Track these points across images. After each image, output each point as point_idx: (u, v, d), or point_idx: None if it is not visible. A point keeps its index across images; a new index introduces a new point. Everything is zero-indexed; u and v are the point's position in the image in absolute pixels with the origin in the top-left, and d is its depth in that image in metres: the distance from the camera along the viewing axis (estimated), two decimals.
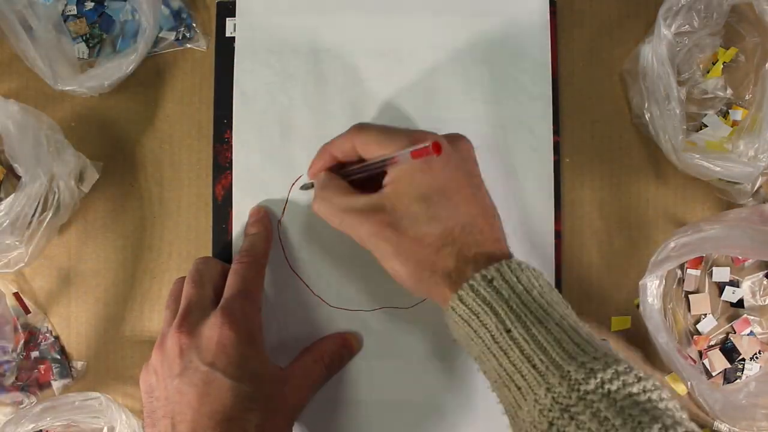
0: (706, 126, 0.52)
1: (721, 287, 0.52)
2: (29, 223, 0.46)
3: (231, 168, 0.51)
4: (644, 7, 0.53)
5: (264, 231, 0.49)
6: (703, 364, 0.51)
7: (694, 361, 0.51)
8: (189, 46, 0.52)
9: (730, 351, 0.51)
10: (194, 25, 0.52)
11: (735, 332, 0.51)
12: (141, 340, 0.52)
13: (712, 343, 0.52)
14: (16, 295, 0.51)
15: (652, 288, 0.47)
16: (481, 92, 0.51)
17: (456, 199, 0.40)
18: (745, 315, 0.51)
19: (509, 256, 0.40)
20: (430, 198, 0.40)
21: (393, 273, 0.41)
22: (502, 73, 0.51)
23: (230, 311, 0.42)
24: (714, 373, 0.51)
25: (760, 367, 0.51)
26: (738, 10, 0.52)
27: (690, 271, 0.51)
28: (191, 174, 0.52)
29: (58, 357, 0.51)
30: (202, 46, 0.52)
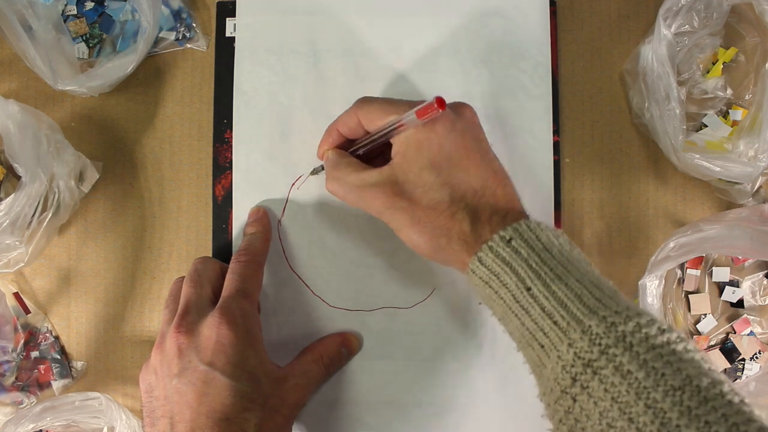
0: (706, 126, 0.52)
1: (721, 287, 0.52)
2: (29, 223, 0.46)
3: (231, 168, 0.51)
4: (644, 7, 0.53)
5: (262, 230, 0.49)
6: None
7: None
8: (189, 46, 0.52)
9: (730, 351, 0.51)
10: (194, 25, 0.52)
11: (735, 332, 0.51)
12: (141, 340, 0.52)
13: (712, 343, 0.52)
14: (16, 295, 0.51)
15: (651, 288, 0.47)
16: (481, 92, 0.51)
17: (465, 163, 0.41)
18: (745, 315, 0.51)
19: (525, 216, 0.40)
20: (439, 165, 0.40)
21: (410, 243, 0.41)
22: (502, 73, 0.51)
23: (228, 311, 0.42)
24: None
25: (760, 367, 0.51)
26: (738, 10, 0.52)
27: (690, 271, 0.51)
28: (191, 174, 0.52)
29: (58, 357, 0.51)
30: (202, 46, 0.52)
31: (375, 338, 0.50)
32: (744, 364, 0.51)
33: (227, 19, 0.52)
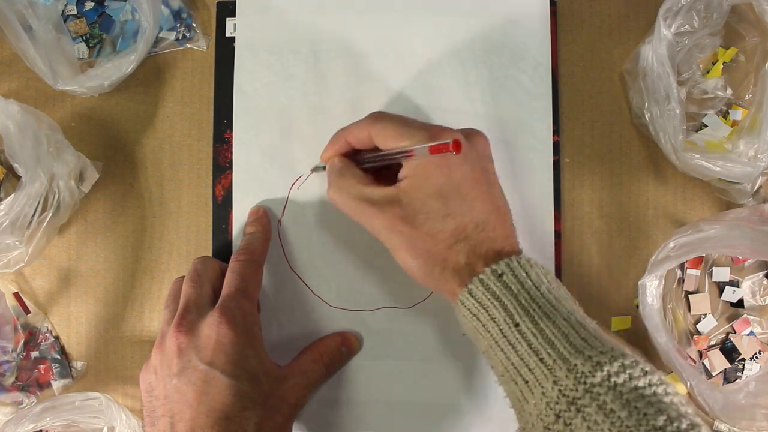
0: (706, 126, 0.52)
1: (721, 287, 0.52)
2: (29, 223, 0.46)
3: (231, 168, 0.51)
4: (644, 7, 0.53)
5: (262, 230, 0.49)
6: (703, 364, 0.51)
7: (694, 361, 0.51)
8: (189, 46, 0.52)
9: (730, 351, 0.51)
10: (194, 25, 0.52)
11: (735, 332, 0.51)
12: (141, 340, 0.52)
13: (712, 343, 0.52)
14: (16, 295, 0.51)
15: (651, 288, 0.47)
16: (481, 92, 0.51)
17: (471, 196, 0.41)
18: (745, 315, 0.51)
19: (519, 253, 0.41)
20: (446, 195, 0.40)
21: (404, 266, 0.42)
22: (502, 73, 0.51)
23: (228, 310, 0.42)
24: (714, 373, 0.51)
25: (760, 367, 0.51)
26: (738, 10, 0.52)
27: (690, 271, 0.51)
28: (191, 174, 0.52)
29: (58, 357, 0.51)
30: (202, 46, 0.52)
31: (375, 338, 0.50)
32: (744, 364, 0.51)
33: (227, 19, 0.52)
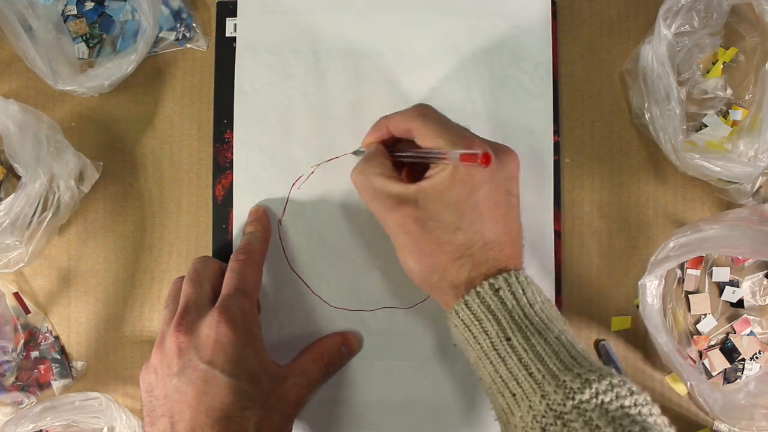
0: (706, 126, 0.52)
1: (721, 287, 0.52)
2: (29, 223, 0.46)
3: (231, 168, 0.51)
4: (644, 7, 0.53)
5: (261, 229, 0.49)
6: (703, 364, 0.51)
7: (694, 361, 0.51)
8: (189, 46, 0.52)
9: (730, 351, 0.51)
10: (194, 25, 0.52)
11: (735, 332, 0.51)
12: (141, 340, 0.52)
13: (712, 343, 0.52)
14: (16, 295, 0.51)
15: (651, 288, 0.47)
16: (481, 92, 0.51)
17: (487, 216, 0.41)
18: (745, 315, 0.51)
19: (519, 270, 0.41)
20: (462, 210, 0.40)
21: (404, 266, 0.42)
22: (502, 73, 0.51)
23: (227, 309, 0.42)
24: (714, 373, 0.51)
25: (760, 367, 0.51)
26: (738, 10, 0.52)
27: (690, 271, 0.51)
28: (191, 174, 0.52)
29: (58, 357, 0.51)
30: (202, 46, 0.52)
31: (375, 338, 0.50)
32: (744, 364, 0.51)
33: (227, 19, 0.52)
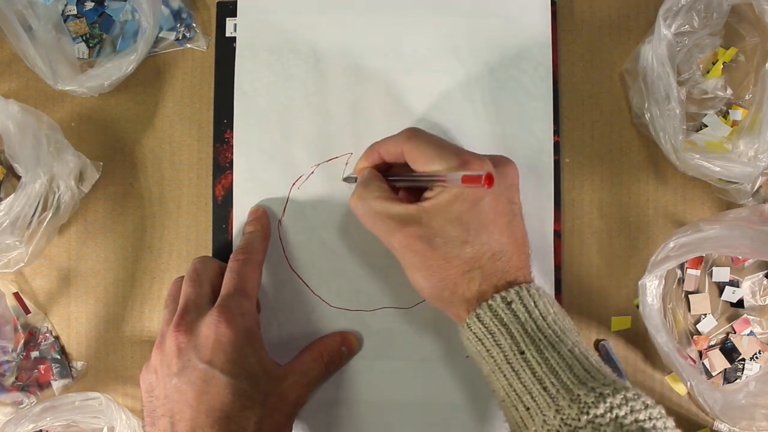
0: (706, 126, 0.52)
1: (721, 287, 0.52)
2: (29, 223, 0.46)
3: (231, 168, 0.51)
4: (644, 7, 0.53)
5: (261, 229, 0.49)
6: (703, 364, 0.51)
7: (694, 361, 0.51)
8: (189, 46, 0.52)
9: (730, 351, 0.51)
10: (194, 25, 0.52)
11: (735, 332, 0.51)
12: (141, 340, 0.52)
13: (712, 343, 0.52)
14: (16, 295, 0.51)
15: (651, 288, 0.47)
16: (481, 92, 0.51)
17: (491, 227, 0.41)
18: (745, 315, 0.51)
19: (531, 282, 0.41)
20: (467, 223, 0.40)
21: (414, 284, 0.42)
22: (502, 73, 0.51)
23: (227, 309, 0.42)
24: (714, 373, 0.51)
25: (760, 367, 0.51)
26: (738, 10, 0.52)
27: (690, 271, 0.51)
28: (191, 174, 0.52)
29: (58, 357, 0.51)
30: (202, 46, 0.52)
31: (375, 338, 0.50)
32: (744, 364, 0.51)
33: (227, 19, 0.52)
